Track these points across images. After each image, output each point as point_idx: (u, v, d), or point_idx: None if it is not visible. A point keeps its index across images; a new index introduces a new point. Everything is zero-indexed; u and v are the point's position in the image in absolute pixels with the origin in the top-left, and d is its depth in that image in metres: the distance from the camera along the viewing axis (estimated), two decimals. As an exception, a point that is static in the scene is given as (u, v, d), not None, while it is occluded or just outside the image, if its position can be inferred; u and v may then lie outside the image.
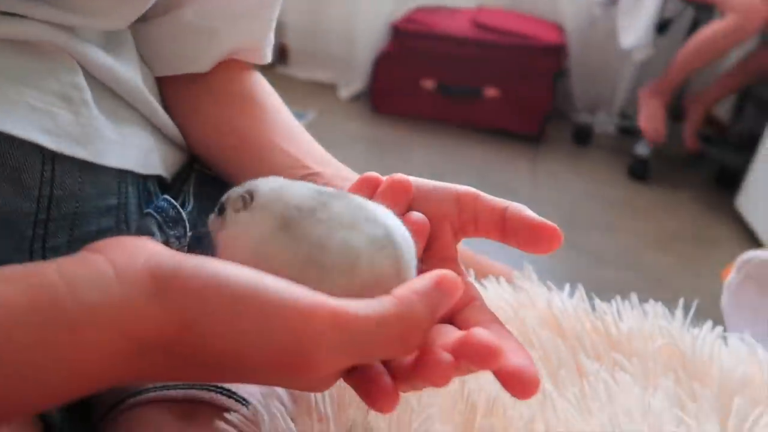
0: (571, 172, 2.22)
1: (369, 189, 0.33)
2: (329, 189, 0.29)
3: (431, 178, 0.34)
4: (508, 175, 2.13)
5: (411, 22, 2.37)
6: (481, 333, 0.24)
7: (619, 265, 1.71)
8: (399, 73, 2.38)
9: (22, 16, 0.33)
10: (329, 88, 2.63)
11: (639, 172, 2.16)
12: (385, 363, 0.27)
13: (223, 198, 0.31)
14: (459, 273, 0.33)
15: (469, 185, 0.34)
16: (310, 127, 0.46)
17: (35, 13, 0.34)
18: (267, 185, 0.30)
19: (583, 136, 2.40)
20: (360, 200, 0.29)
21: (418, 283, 0.25)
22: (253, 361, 0.23)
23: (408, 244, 0.28)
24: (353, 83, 2.58)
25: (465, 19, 2.37)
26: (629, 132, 2.33)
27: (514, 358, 0.25)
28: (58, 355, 0.21)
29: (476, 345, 0.23)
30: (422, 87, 2.36)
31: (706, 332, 0.44)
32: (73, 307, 0.21)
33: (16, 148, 0.33)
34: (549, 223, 0.31)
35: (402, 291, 0.25)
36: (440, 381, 0.24)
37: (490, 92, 2.32)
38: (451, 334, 0.26)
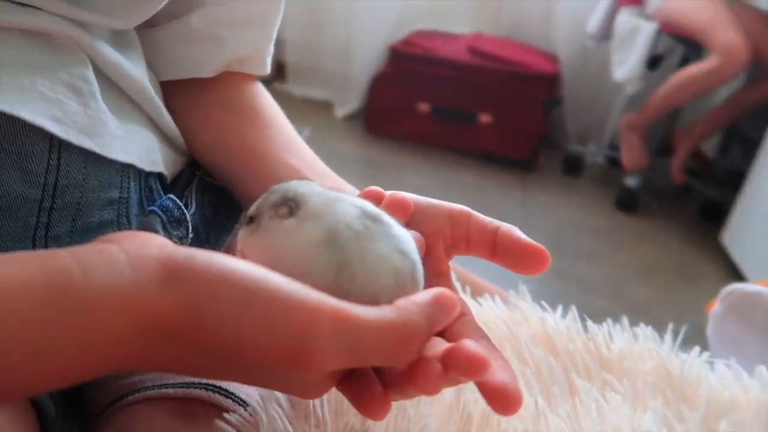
0: (561, 200, 2.25)
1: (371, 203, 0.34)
2: (370, 208, 0.29)
3: None
4: (499, 200, 2.16)
5: (409, 45, 2.41)
6: (470, 344, 0.25)
7: (603, 294, 1.73)
8: (394, 95, 2.40)
9: (37, 9, 0.35)
10: (325, 107, 2.65)
11: (627, 203, 2.19)
12: (377, 372, 0.28)
13: (256, 208, 0.30)
14: (451, 288, 0.34)
15: None
16: None
17: (50, 6, 0.35)
18: (314, 195, 0.29)
19: (573, 166, 2.43)
20: (396, 228, 0.29)
21: (418, 297, 0.26)
22: (255, 353, 0.23)
23: (422, 278, 0.30)
24: (349, 102, 2.61)
25: (462, 44, 2.41)
26: (618, 163, 2.37)
27: (499, 374, 0.26)
28: (70, 334, 0.22)
29: (465, 356, 0.24)
30: (417, 109, 2.39)
31: (694, 357, 0.45)
32: (86, 289, 0.22)
33: (26, 134, 0.34)
34: (538, 245, 0.32)
35: (403, 302, 0.26)
36: (431, 390, 0.25)
37: (484, 117, 2.35)
38: (440, 346, 0.27)
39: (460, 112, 2.37)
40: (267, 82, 0.53)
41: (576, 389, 0.41)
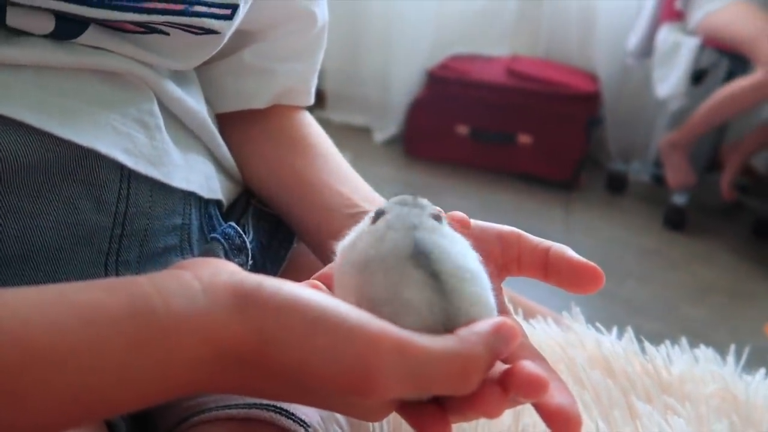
0: (605, 220, 2.21)
1: None
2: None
3: None
4: (541, 222, 2.13)
5: (446, 69, 2.43)
6: (528, 365, 0.25)
7: (654, 315, 1.68)
8: (433, 119, 2.42)
9: (110, 51, 0.37)
10: (364, 132, 2.69)
11: (675, 221, 2.13)
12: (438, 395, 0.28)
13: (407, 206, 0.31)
14: (505, 311, 0.34)
15: None
16: None
17: (121, 49, 0.38)
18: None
19: (617, 184, 2.39)
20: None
21: (480, 326, 0.26)
22: (320, 379, 0.24)
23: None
24: (388, 128, 2.63)
25: (499, 67, 2.42)
26: (664, 181, 2.31)
27: (558, 396, 0.26)
28: (152, 359, 0.23)
29: (525, 377, 0.25)
30: (456, 132, 2.40)
31: (760, 379, 0.44)
32: (165, 314, 0.23)
33: (100, 166, 0.36)
34: (591, 263, 0.32)
35: (465, 332, 0.26)
36: (492, 412, 0.25)
37: (524, 139, 2.34)
38: (497, 368, 0.27)
39: (499, 134, 2.36)
40: (308, 109, 0.55)
41: (637, 413, 0.40)
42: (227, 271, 0.25)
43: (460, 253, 0.29)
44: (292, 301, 0.24)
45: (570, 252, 0.33)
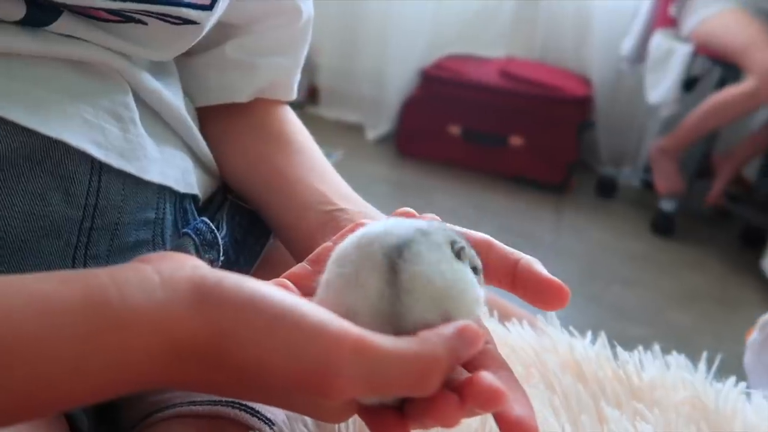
0: (595, 223, 2.21)
1: None
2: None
3: (455, 224, 0.35)
4: (531, 224, 2.13)
5: (440, 69, 2.43)
6: (486, 377, 0.25)
7: (639, 320, 1.69)
8: (426, 118, 2.42)
9: (84, 40, 0.37)
10: (357, 129, 2.69)
11: (663, 227, 2.14)
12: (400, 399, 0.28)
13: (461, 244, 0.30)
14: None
15: (491, 233, 0.35)
16: (336, 167, 0.48)
17: (95, 38, 0.37)
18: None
19: (607, 189, 2.40)
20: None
21: (443, 328, 0.26)
22: (279, 377, 0.24)
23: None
24: (380, 125, 2.63)
25: (494, 68, 2.42)
26: (654, 186, 2.32)
27: (517, 408, 0.26)
28: (103, 351, 0.22)
29: (482, 388, 0.24)
30: (448, 132, 2.40)
31: (730, 387, 0.44)
32: (121, 307, 0.23)
33: (69, 158, 0.36)
34: (557, 281, 0.32)
35: (427, 334, 0.26)
36: (448, 422, 0.25)
37: (516, 141, 2.35)
38: (458, 376, 0.27)
39: (491, 135, 2.37)
40: (300, 105, 0.54)
41: (605, 418, 0.40)
42: (189, 266, 0.25)
43: (442, 266, 0.28)
44: (252, 298, 0.24)
45: (538, 266, 0.32)
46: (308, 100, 2.80)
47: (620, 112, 2.46)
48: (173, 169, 0.42)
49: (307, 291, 0.32)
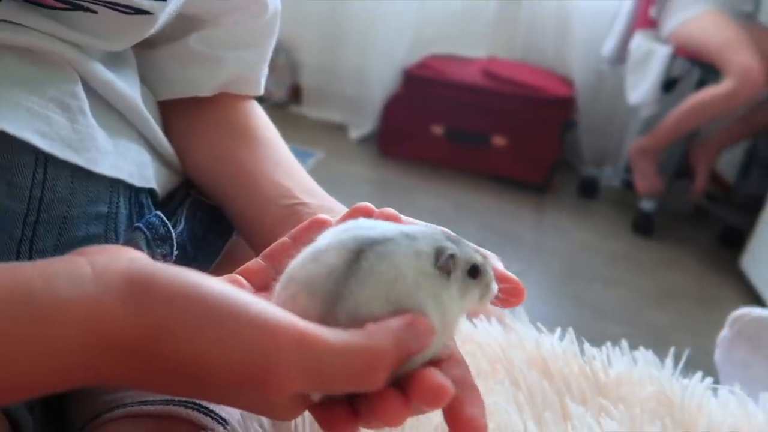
0: (576, 223, 2.22)
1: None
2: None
3: (437, 224, 0.34)
4: (513, 223, 2.14)
5: (423, 68, 2.42)
6: (433, 373, 0.24)
7: (618, 319, 1.70)
8: (408, 117, 2.41)
9: (29, 27, 0.35)
10: (340, 129, 2.67)
11: (643, 227, 2.16)
12: (352, 395, 0.27)
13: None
14: None
15: (473, 232, 0.34)
16: (318, 167, 0.47)
17: (41, 26, 0.36)
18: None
19: (589, 189, 2.41)
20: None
21: (392, 322, 0.25)
22: (216, 372, 0.23)
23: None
24: (363, 125, 2.62)
25: (476, 68, 2.42)
26: (634, 187, 2.34)
27: (467, 407, 0.25)
28: (29, 344, 0.21)
29: (427, 384, 0.24)
30: (431, 132, 2.40)
31: (696, 383, 0.44)
32: (45, 299, 0.22)
33: (11, 148, 0.34)
34: (515, 278, 0.31)
35: (374, 327, 0.25)
36: (394, 420, 0.24)
37: (498, 140, 2.35)
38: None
39: (474, 135, 2.37)
40: (284, 105, 0.53)
41: (569, 414, 0.39)
42: (126, 259, 0.24)
43: (407, 272, 0.27)
44: (186, 290, 0.23)
45: (496, 263, 0.32)
46: (292, 99, 2.79)
47: (602, 112, 2.48)
48: (127, 162, 0.41)
49: (261, 287, 0.31)
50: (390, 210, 0.34)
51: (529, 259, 1.93)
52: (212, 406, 0.34)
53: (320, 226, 0.33)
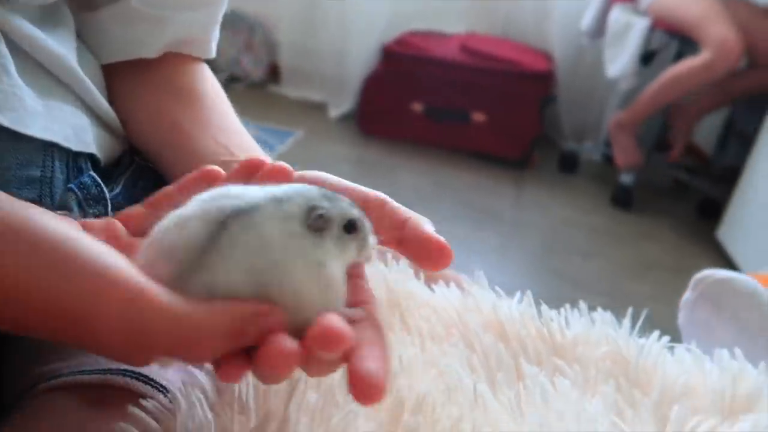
0: (555, 198, 2.23)
1: (250, 173, 0.33)
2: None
3: (417, 201, 0.33)
4: (493, 199, 2.14)
5: (402, 45, 2.40)
6: (332, 318, 0.24)
7: (596, 290, 1.71)
8: (388, 95, 2.39)
9: None
10: (319, 108, 2.65)
11: (622, 200, 2.17)
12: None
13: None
14: (359, 275, 0.32)
15: (453, 208, 0.33)
16: (298, 146, 0.46)
17: None
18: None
19: (569, 164, 2.41)
20: None
21: (242, 302, 0.25)
22: (41, 309, 0.23)
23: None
24: (343, 103, 2.60)
25: (455, 44, 2.40)
26: (614, 160, 2.35)
27: (367, 362, 0.24)
28: None
29: (323, 329, 0.23)
30: (410, 110, 2.38)
31: (653, 342, 0.43)
32: None
33: None
34: (442, 241, 0.30)
35: (220, 303, 0.24)
36: (280, 364, 0.24)
37: (478, 117, 2.34)
38: None
39: (454, 112, 2.36)
40: (262, 84, 0.52)
41: (523, 375, 0.39)
42: None
43: (272, 240, 0.26)
44: (19, 224, 0.23)
45: (425, 226, 0.31)
46: (270, 78, 2.75)
47: (582, 87, 2.47)
48: (61, 124, 0.39)
49: (137, 232, 0.30)
50: (281, 163, 0.33)
51: (509, 234, 1.94)
52: (152, 374, 0.33)
53: (210, 177, 0.32)
